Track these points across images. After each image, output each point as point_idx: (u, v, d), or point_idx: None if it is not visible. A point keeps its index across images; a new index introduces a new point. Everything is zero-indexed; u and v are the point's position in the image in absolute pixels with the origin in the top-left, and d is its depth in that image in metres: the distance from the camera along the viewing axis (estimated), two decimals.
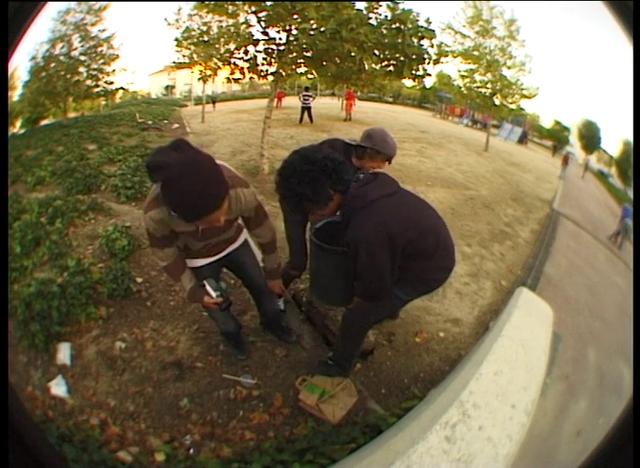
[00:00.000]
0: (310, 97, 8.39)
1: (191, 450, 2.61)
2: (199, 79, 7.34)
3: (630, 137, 5.64)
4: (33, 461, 1.61)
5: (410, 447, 1.80)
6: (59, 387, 2.96)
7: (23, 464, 1.55)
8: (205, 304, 2.55)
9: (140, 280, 3.89)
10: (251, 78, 6.48)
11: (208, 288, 2.49)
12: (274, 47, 5.97)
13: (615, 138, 6.24)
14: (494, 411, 2.05)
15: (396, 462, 1.73)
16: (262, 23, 5.85)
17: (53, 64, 6.50)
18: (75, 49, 6.67)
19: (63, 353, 3.19)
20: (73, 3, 6.44)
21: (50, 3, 2.18)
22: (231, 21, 6.53)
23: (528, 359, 2.57)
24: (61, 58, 6.57)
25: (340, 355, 3.04)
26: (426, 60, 5.66)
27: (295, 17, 5.52)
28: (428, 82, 7.68)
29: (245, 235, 2.77)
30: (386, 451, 1.92)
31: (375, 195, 2.23)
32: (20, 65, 5.66)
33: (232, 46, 6.42)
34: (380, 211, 2.19)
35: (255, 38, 6.08)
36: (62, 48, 6.50)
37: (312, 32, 5.38)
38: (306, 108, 8.38)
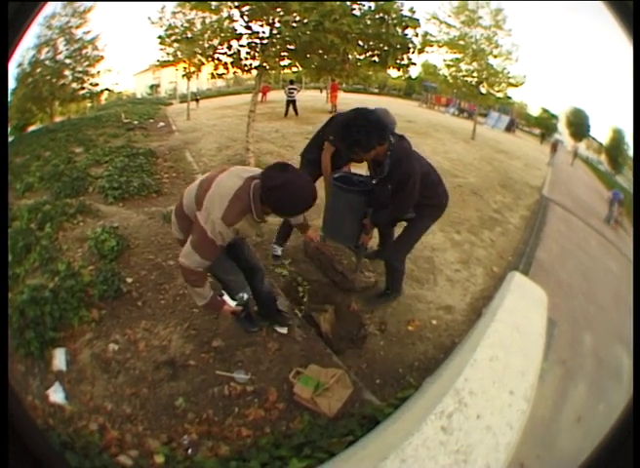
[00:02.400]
0: (295, 89, 8.37)
1: (190, 450, 2.60)
2: (183, 76, 7.30)
3: (619, 125, 5.67)
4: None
5: (404, 439, 1.75)
6: (56, 394, 2.94)
7: None
8: (223, 312, 2.87)
9: (129, 280, 3.85)
10: (235, 73, 6.45)
11: (226, 297, 2.86)
12: (257, 41, 5.94)
13: (604, 126, 6.26)
14: (491, 399, 2.01)
15: (390, 456, 1.68)
16: (245, 18, 5.83)
17: (39, 70, 6.44)
18: (60, 52, 6.61)
19: (59, 359, 3.17)
20: (59, 6, 6.38)
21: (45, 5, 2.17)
22: (214, 17, 6.50)
23: (524, 343, 2.55)
24: (47, 62, 6.51)
25: (397, 281, 3.92)
26: (411, 50, 5.66)
27: (277, 10, 5.50)
28: (414, 72, 7.68)
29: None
30: (380, 445, 1.90)
31: (409, 147, 3.29)
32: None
33: (216, 41, 6.39)
34: (416, 156, 3.32)
35: (238, 32, 6.06)
36: (48, 52, 6.45)
37: (295, 24, 5.37)
38: (291, 101, 8.36)
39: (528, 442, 2.01)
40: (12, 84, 5.90)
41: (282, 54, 6.01)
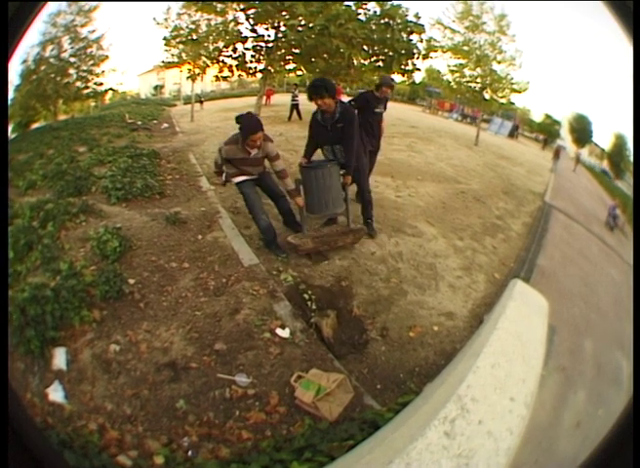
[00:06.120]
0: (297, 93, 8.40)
1: (190, 452, 2.60)
2: (188, 78, 7.30)
3: (622, 131, 5.66)
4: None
5: (409, 443, 1.77)
6: (56, 393, 2.95)
7: None
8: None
9: (132, 281, 3.85)
10: (239, 76, 6.48)
11: (224, 175, 4.70)
12: (263, 44, 5.98)
13: (606, 132, 6.24)
14: (493, 405, 2.03)
15: (395, 460, 1.70)
16: (251, 21, 5.86)
17: (43, 67, 6.40)
18: (65, 51, 6.58)
19: (59, 358, 3.17)
20: (64, 4, 6.38)
21: (47, 4, 2.17)
22: (220, 19, 6.52)
23: (525, 351, 2.56)
24: (52, 60, 6.47)
25: (370, 211, 5.15)
26: (415, 55, 5.69)
27: (283, 13, 5.52)
28: (418, 77, 7.66)
29: (267, 170, 4.71)
30: (385, 449, 1.90)
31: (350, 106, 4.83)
32: (11, 69, 5.59)
33: (221, 44, 6.42)
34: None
35: (243, 35, 6.10)
36: (53, 50, 6.41)
37: (301, 28, 5.40)
38: (295, 105, 8.36)
39: (527, 447, 2.01)
40: (16, 80, 5.87)
41: (287, 57, 6.05)
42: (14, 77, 5.74)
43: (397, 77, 6.17)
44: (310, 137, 5.00)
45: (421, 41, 5.88)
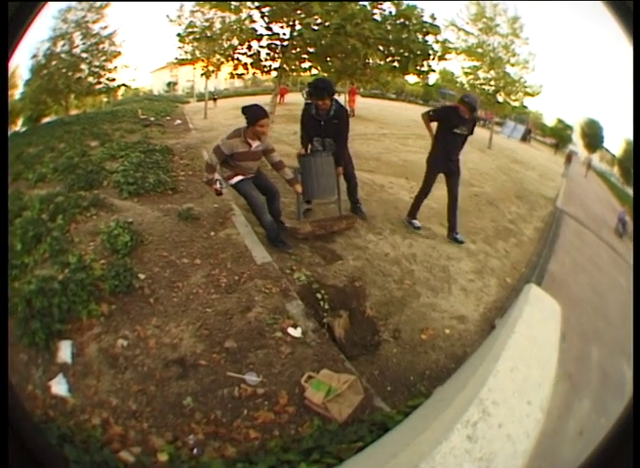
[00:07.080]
0: None
1: (195, 450, 2.58)
2: (202, 75, 7.31)
3: (632, 137, 5.62)
4: (34, 463, 1.57)
5: (433, 448, 1.78)
6: (59, 386, 2.93)
7: (24, 466, 1.51)
8: (212, 188, 4.73)
9: (142, 276, 3.84)
10: (254, 74, 6.47)
11: (218, 182, 4.65)
12: (278, 42, 5.99)
13: (617, 137, 6.21)
14: (512, 409, 2.06)
15: (421, 464, 1.71)
16: (266, 19, 5.86)
17: (54, 62, 6.42)
18: (77, 46, 6.60)
19: (64, 351, 3.15)
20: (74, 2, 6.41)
21: (50, 3, 2.16)
22: (234, 17, 6.51)
23: (540, 355, 2.58)
24: (63, 55, 6.50)
25: (356, 195, 5.61)
26: (431, 56, 5.67)
27: (298, 12, 5.51)
28: (431, 79, 7.67)
29: (260, 169, 4.85)
30: (410, 454, 1.89)
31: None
32: (21, 64, 5.56)
33: (235, 41, 6.43)
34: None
35: (258, 33, 6.09)
36: (64, 45, 6.44)
37: (316, 27, 5.40)
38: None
39: (531, 453, 2.00)
40: (26, 75, 5.89)
41: (302, 56, 6.04)
42: (24, 72, 5.75)
43: (412, 78, 6.18)
44: (303, 130, 5.37)
45: (437, 42, 5.84)
